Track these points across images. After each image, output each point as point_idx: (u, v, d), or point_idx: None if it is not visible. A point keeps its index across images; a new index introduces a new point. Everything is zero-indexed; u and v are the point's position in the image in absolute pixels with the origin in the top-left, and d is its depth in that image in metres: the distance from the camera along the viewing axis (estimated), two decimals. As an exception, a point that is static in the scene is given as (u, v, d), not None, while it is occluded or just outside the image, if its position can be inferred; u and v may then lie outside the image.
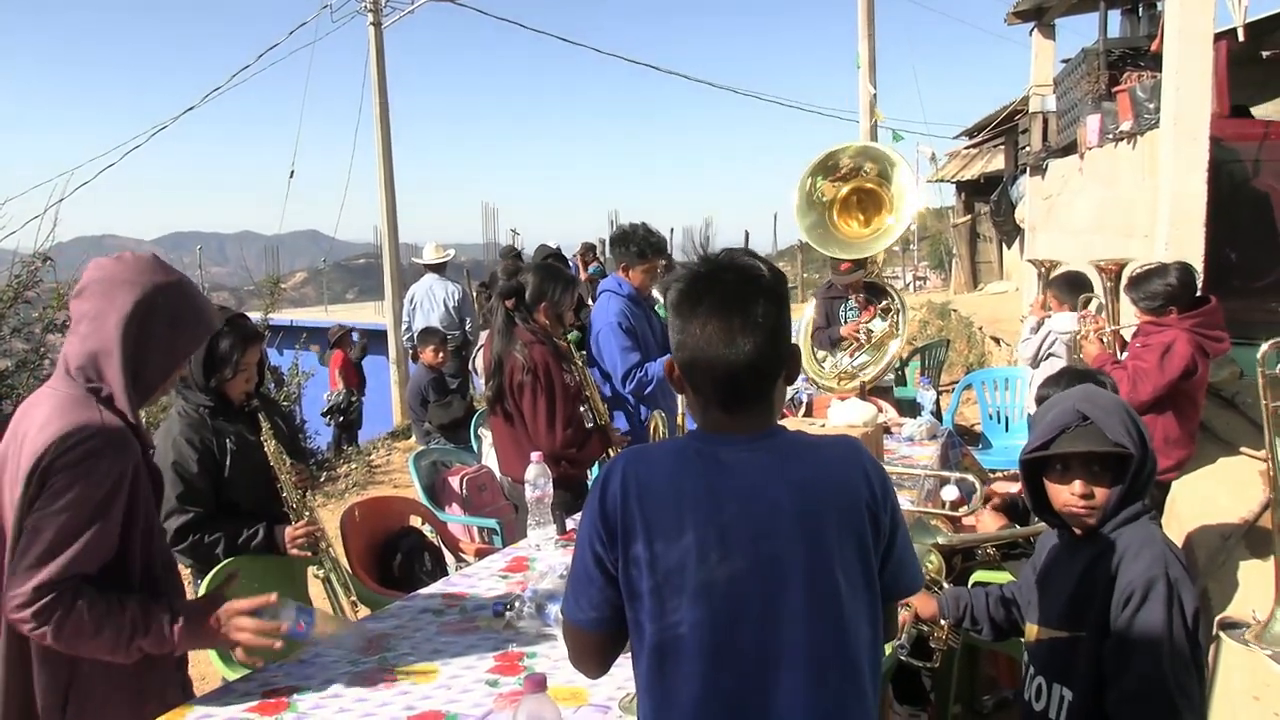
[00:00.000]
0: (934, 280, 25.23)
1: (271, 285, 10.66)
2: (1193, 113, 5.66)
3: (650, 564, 1.53)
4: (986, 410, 6.76)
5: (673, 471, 1.58)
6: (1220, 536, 4.34)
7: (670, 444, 1.69)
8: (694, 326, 1.56)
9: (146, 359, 2.09)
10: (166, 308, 2.10)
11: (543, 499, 3.33)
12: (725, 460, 1.56)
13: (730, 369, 1.55)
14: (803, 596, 1.52)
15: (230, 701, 2.19)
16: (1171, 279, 4.21)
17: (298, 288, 36.44)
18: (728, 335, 1.54)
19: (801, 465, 1.58)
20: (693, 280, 1.59)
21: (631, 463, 1.61)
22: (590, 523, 1.60)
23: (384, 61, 12.41)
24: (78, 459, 1.97)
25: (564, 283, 4.14)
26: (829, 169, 5.71)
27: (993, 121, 14.90)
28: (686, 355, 1.58)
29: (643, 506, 1.54)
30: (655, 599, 1.53)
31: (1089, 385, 2.45)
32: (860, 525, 1.56)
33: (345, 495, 8.01)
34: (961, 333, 12.59)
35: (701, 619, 1.52)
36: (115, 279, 2.07)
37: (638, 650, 1.59)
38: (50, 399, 2.06)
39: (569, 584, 1.66)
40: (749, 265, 1.60)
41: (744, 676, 1.52)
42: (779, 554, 1.52)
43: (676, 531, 1.52)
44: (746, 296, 1.56)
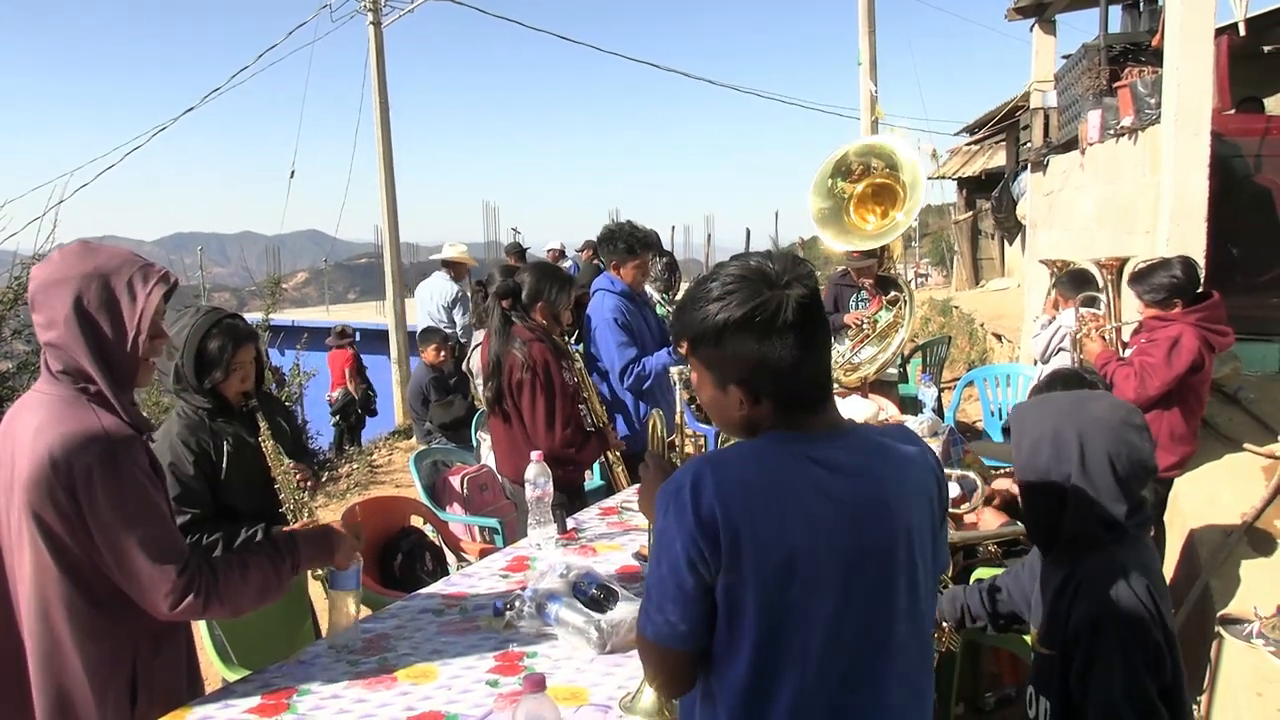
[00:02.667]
0: (935, 277, 25.21)
1: (273, 286, 10.67)
2: (1194, 108, 5.65)
3: (758, 564, 1.51)
4: (988, 407, 6.75)
5: (769, 470, 1.56)
6: (1222, 533, 4.33)
7: (749, 445, 1.63)
8: (804, 340, 1.57)
9: (107, 344, 2.08)
10: (102, 290, 2.08)
11: (543, 498, 3.33)
12: (820, 457, 1.57)
13: (820, 376, 1.61)
14: (905, 586, 1.58)
15: (229, 703, 2.19)
16: (1176, 271, 4.21)
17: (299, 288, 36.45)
18: (816, 345, 1.59)
19: (888, 457, 1.63)
20: (798, 301, 1.56)
21: (720, 465, 1.56)
22: (685, 531, 1.52)
23: (384, 61, 12.40)
24: (99, 469, 1.98)
25: (560, 282, 4.14)
26: (844, 171, 5.79)
27: (994, 118, 14.87)
28: (798, 370, 1.57)
29: (748, 507, 1.52)
30: (761, 599, 1.51)
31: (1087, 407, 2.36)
32: (933, 512, 1.65)
33: (346, 495, 8.01)
34: (963, 329, 12.58)
35: (814, 615, 1.53)
36: (49, 281, 2.07)
37: (727, 658, 1.56)
38: (40, 403, 2.07)
39: (651, 602, 1.57)
40: (808, 272, 1.62)
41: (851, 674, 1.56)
42: (886, 546, 1.57)
43: (784, 530, 1.52)
44: (819, 306, 1.61)
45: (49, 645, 2.06)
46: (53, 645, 2.06)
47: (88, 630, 2.06)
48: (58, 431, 1.99)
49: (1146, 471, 2.16)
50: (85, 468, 1.98)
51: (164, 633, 2.19)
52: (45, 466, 1.97)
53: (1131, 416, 2.20)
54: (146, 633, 2.15)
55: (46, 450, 1.97)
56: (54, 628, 2.05)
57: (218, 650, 2.78)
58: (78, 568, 2.04)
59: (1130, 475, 2.13)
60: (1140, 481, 2.16)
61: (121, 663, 2.12)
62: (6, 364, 7.33)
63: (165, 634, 2.20)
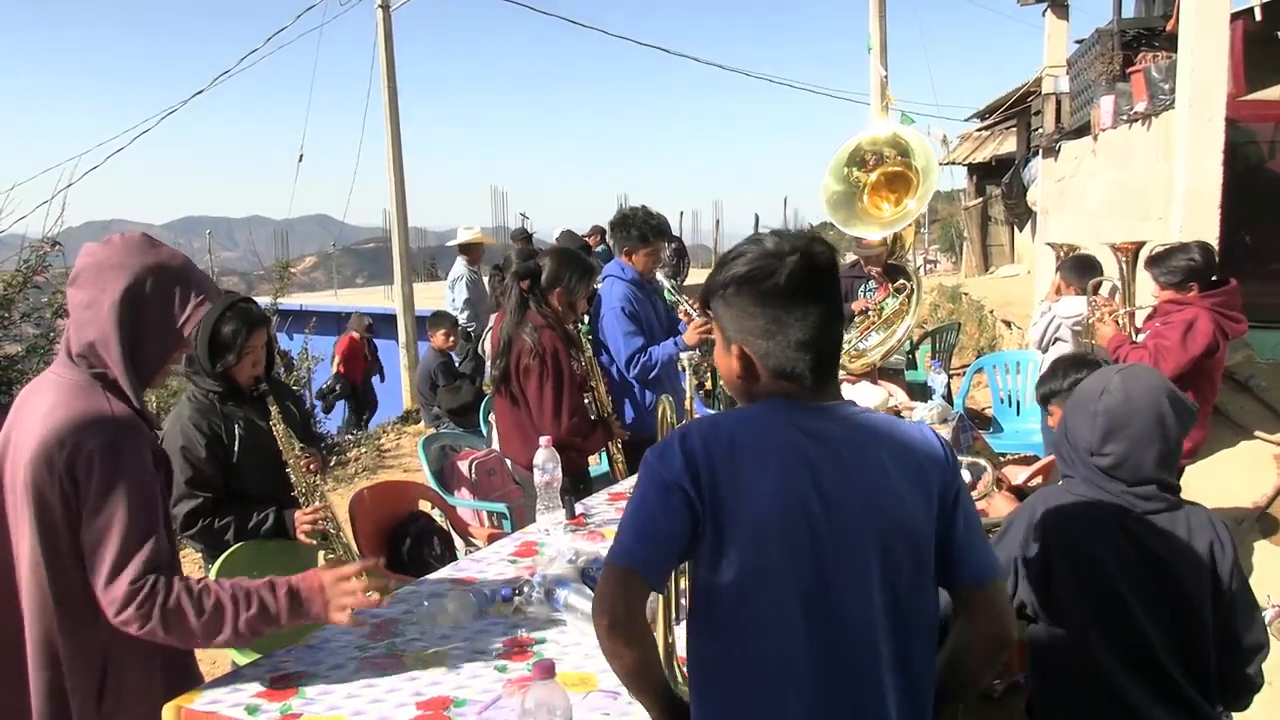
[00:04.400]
0: (945, 263, 25.12)
1: (281, 270, 10.67)
2: (1208, 94, 5.60)
3: (737, 521, 1.54)
4: (998, 394, 6.72)
5: (755, 432, 1.61)
6: (1233, 521, 4.31)
7: (741, 410, 1.70)
8: (798, 311, 1.61)
9: (142, 341, 2.08)
10: (157, 288, 2.08)
11: (552, 483, 3.32)
12: (809, 427, 1.60)
13: (822, 350, 1.62)
14: (888, 566, 1.57)
15: (238, 687, 2.19)
16: (1194, 255, 4.20)
17: (307, 272, 36.51)
18: (819, 318, 1.61)
19: (884, 438, 1.64)
20: (791, 270, 1.61)
21: (707, 423, 1.63)
22: (672, 471, 1.55)
23: (392, 45, 12.35)
24: (101, 453, 1.97)
25: (581, 270, 4.11)
26: (859, 161, 5.78)
27: (1005, 103, 14.80)
28: (788, 340, 1.61)
29: (732, 459, 1.56)
30: (738, 558, 1.54)
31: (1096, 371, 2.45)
32: (936, 497, 1.63)
33: (355, 479, 8.03)
34: (972, 316, 12.54)
35: (789, 580, 1.54)
36: (105, 264, 2.06)
37: (705, 597, 1.60)
38: (54, 385, 2.06)
39: (629, 529, 1.58)
40: (825, 249, 1.65)
41: (846, 639, 1.56)
42: (872, 523, 1.57)
43: (765, 491, 1.54)
44: (830, 279, 1.64)
45: (41, 632, 2.04)
46: (43, 633, 2.04)
47: (65, 622, 2.04)
48: (67, 412, 1.99)
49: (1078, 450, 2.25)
50: (88, 450, 1.97)
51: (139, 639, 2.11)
52: (50, 446, 1.96)
53: (1089, 401, 2.23)
54: (120, 635, 2.05)
55: (53, 430, 1.97)
56: (45, 614, 2.04)
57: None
58: (65, 555, 2.02)
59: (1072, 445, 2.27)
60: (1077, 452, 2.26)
61: (91, 662, 2.07)
62: (15, 347, 7.34)
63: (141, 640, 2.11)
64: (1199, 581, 2.16)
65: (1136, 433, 2.14)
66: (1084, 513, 2.19)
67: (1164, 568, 2.15)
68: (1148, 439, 2.15)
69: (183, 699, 2.12)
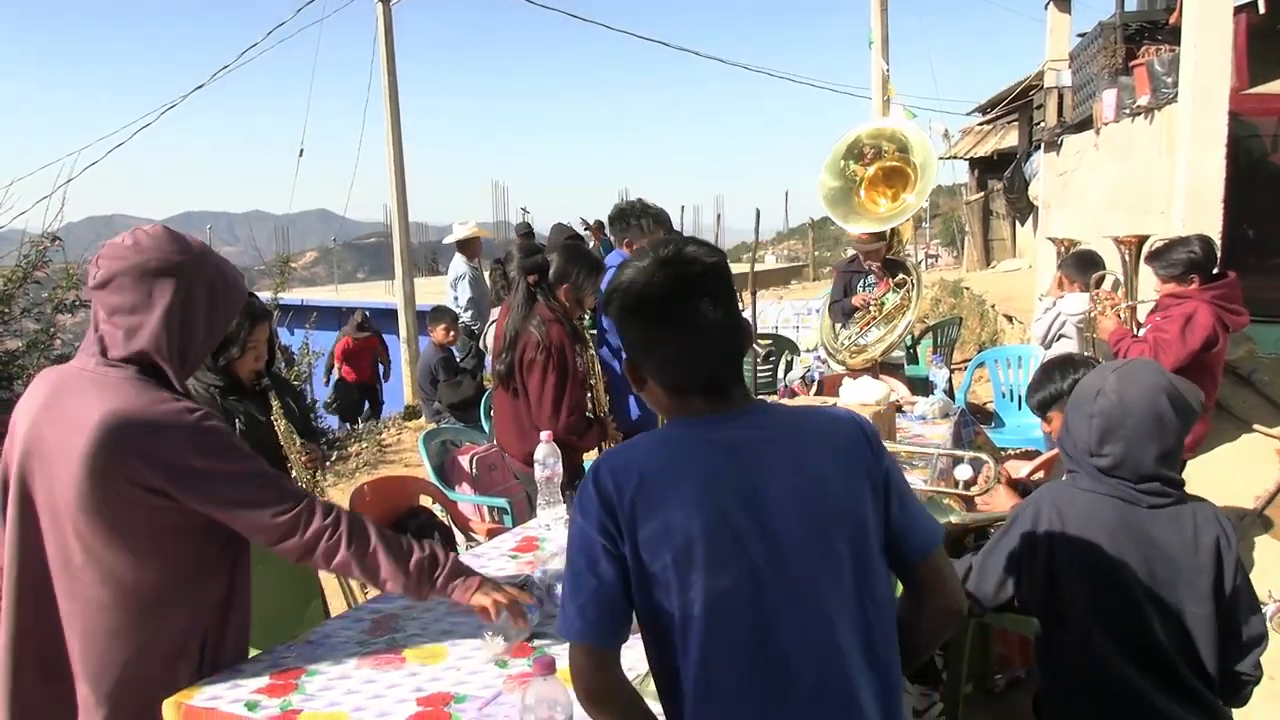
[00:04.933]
0: (946, 258, 25.11)
1: (282, 265, 10.66)
2: (1211, 87, 5.59)
3: (658, 551, 1.50)
4: (999, 389, 6.72)
5: (664, 456, 1.56)
6: (1235, 516, 4.31)
7: (649, 435, 1.65)
8: (661, 328, 1.56)
9: (191, 341, 2.09)
10: (204, 285, 2.08)
11: (552, 478, 3.31)
12: (717, 438, 1.55)
13: (708, 361, 1.57)
14: (849, 554, 1.54)
15: (238, 683, 2.18)
16: (1194, 248, 4.20)
17: (308, 267, 36.48)
18: (698, 329, 1.54)
19: (803, 427, 1.60)
20: (647, 281, 1.57)
21: (614, 456, 1.59)
22: (592, 518, 1.53)
23: (393, 39, 12.34)
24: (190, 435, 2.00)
25: (590, 266, 4.10)
26: (856, 155, 5.77)
27: (1007, 97, 14.77)
28: (657, 356, 1.58)
29: (644, 491, 1.51)
30: (677, 580, 1.49)
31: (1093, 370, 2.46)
32: (869, 475, 1.58)
33: (356, 474, 8.02)
34: (974, 311, 12.52)
35: (735, 590, 1.50)
36: (145, 268, 2.02)
37: (657, 636, 1.56)
38: (100, 384, 2.02)
39: (570, 601, 1.54)
40: (696, 254, 1.58)
41: (807, 649, 1.51)
42: (813, 500, 1.53)
43: (680, 514, 1.49)
44: (703, 286, 1.56)
45: (109, 632, 2.05)
46: (116, 631, 2.05)
47: (156, 604, 2.06)
48: (138, 409, 1.97)
49: (1076, 449, 2.25)
50: (179, 445, 1.98)
51: (231, 601, 2.20)
52: (126, 444, 1.95)
53: (1084, 402, 2.22)
54: (213, 604, 2.16)
55: (125, 427, 1.95)
56: (124, 610, 2.04)
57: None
58: (149, 543, 2.04)
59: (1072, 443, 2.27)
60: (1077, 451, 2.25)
61: (190, 636, 2.13)
62: (16, 342, 7.33)
63: (233, 602, 2.20)
64: (1205, 576, 2.15)
65: (1132, 433, 2.14)
66: (1090, 509, 2.18)
67: (1170, 563, 2.14)
68: (1145, 439, 2.14)
69: (182, 695, 2.12)
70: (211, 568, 2.15)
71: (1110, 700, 2.13)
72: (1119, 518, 2.16)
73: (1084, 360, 3.19)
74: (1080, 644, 2.16)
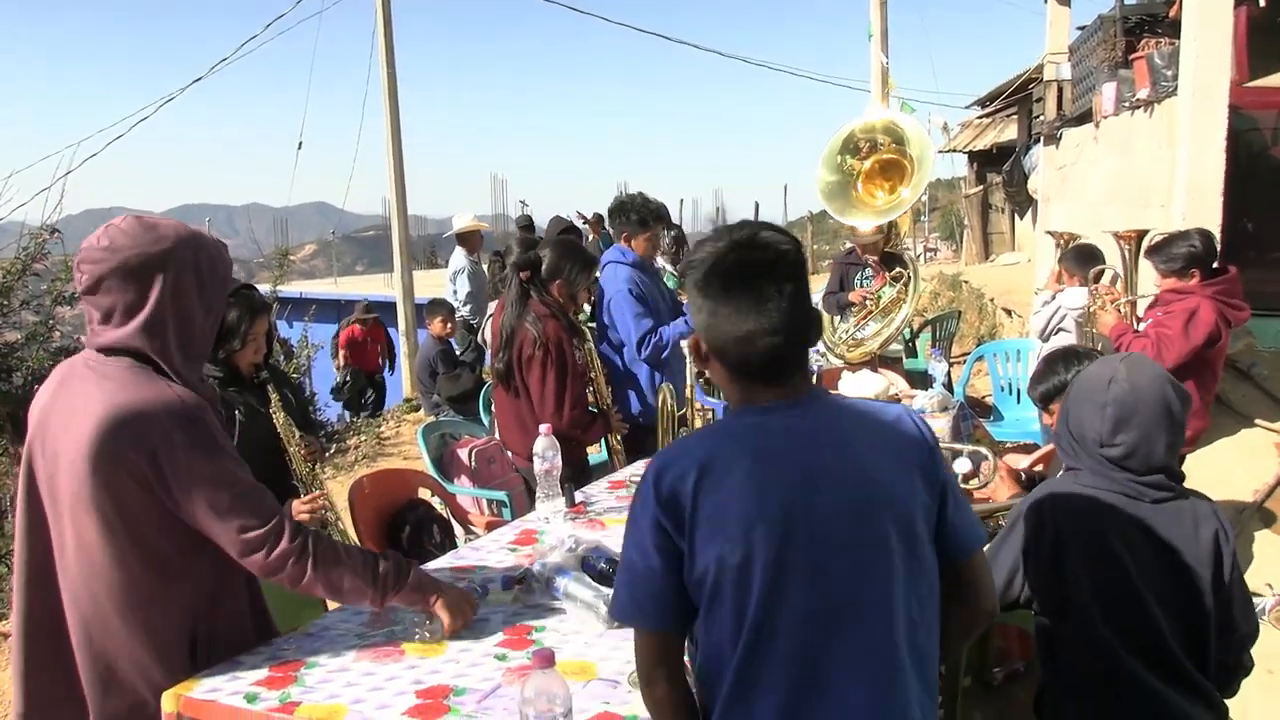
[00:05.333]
0: (945, 251, 25.08)
1: (281, 257, 10.65)
2: (1211, 80, 5.59)
3: (716, 542, 1.53)
4: (998, 382, 6.71)
5: (723, 447, 1.59)
6: (1234, 510, 4.31)
7: (706, 429, 1.71)
8: (727, 306, 1.58)
9: (191, 326, 2.09)
10: (189, 268, 2.07)
11: (551, 471, 3.31)
12: (775, 426, 1.58)
13: (769, 345, 1.57)
14: (898, 545, 1.55)
15: (237, 675, 2.18)
16: (1194, 242, 4.19)
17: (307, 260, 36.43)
18: (763, 312, 1.56)
19: (860, 420, 1.62)
20: (718, 260, 1.60)
21: (672, 451, 1.64)
22: (649, 512, 1.58)
23: (392, 31, 12.30)
24: (181, 430, 1.99)
25: (582, 262, 4.09)
26: (851, 148, 5.76)
27: (1006, 90, 14.75)
28: (721, 334, 1.60)
29: (703, 482, 1.55)
30: (732, 567, 1.53)
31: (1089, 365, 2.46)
32: (929, 474, 1.61)
33: (354, 467, 8.02)
34: (973, 304, 12.51)
35: (786, 576, 1.52)
36: (127, 267, 2.01)
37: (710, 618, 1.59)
38: (102, 375, 2.03)
39: (619, 584, 1.63)
40: (771, 239, 1.61)
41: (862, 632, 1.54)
42: (869, 490, 1.56)
43: (744, 497, 1.53)
44: (774, 271, 1.58)
45: (101, 618, 2.06)
46: (107, 618, 2.06)
47: (143, 595, 2.06)
48: (132, 399, 1.98)
49: (1086, 440, 2.22)
50: (167, 436, 1.98)
51: (222, 589, 2.20)
52: (122, 434, 1.96)
53: (1095, 392, 2.21)
54: (203, 592, 2.16)
55: (121, 418, 1.96)
56: (113, 598, 2.05)
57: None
58: (140, 534, 2.04)
59: (1078, 436, 2.24)
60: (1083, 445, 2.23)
61: (181, 624, 2.13)
62: (15, 334, 7.32)
63: (224, 590, 2.21)
64: (1205, 570, 2.16)
65: (1146, 420, 2.14)
66: (1094, 504, 2.18)
67: (1174, 556, 2.15)
68: (1157, 427, 2.14)
69: (181, 687, 2.12)
70: (200, 563, 2.14)
71: (1114, 693, 2.13)
72: (1123, 512, 2.16)
73: (1087, 352, 3.19)
74: (1084, 638, 2.16)
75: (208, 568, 2.15)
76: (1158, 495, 2.18)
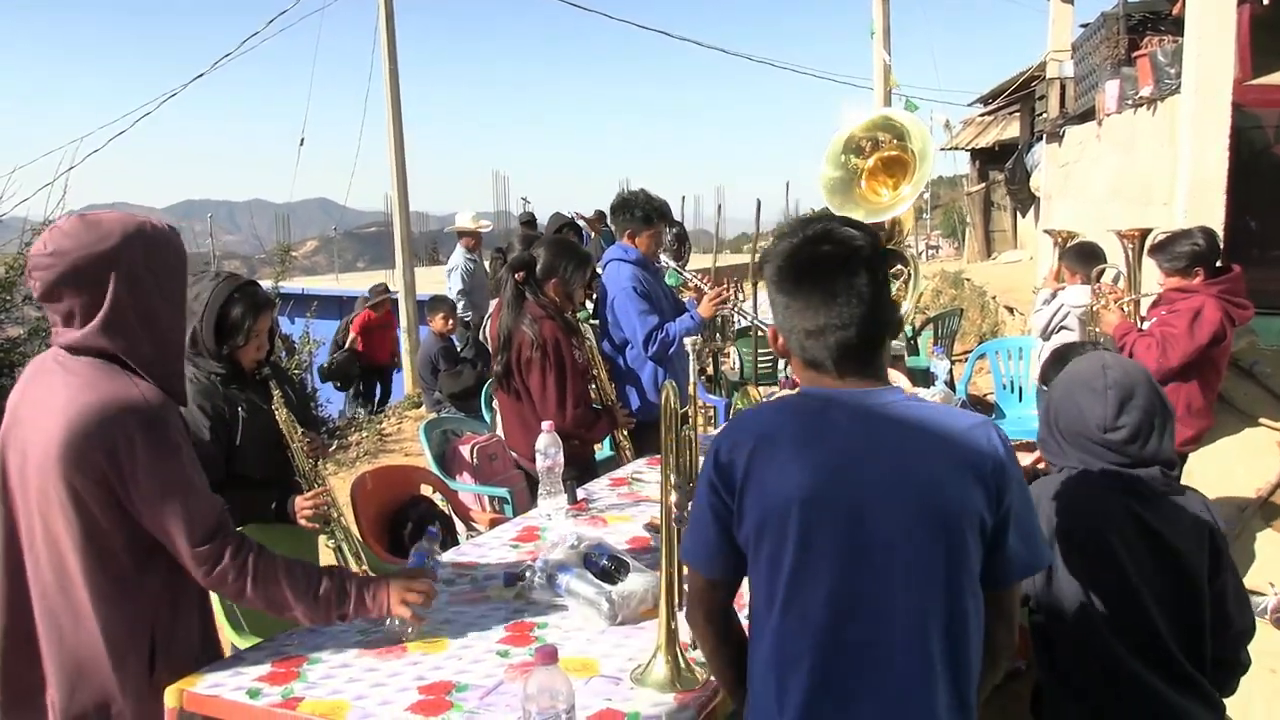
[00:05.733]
0: (947, 249, 25.08)
1: (283, 253, 10.64)
2: (1215, 78, 5.58)
3: (763, 513, 1.58)
4: (1000, 380, 6.70)
5: (785, 423, 1.63)
6: (1237, 509, 4.31)
7: (778, 400, 1.78)
8: (799, 300, 1.62)
9: (156, 321, 2.08)
10: (140, 262, 2.05)
11: (553, 468, 3.31)
12: (842, 413, 1.60)
13: (840, 339, 1.60)
14: (943, 551, 1.54)
15: (240, 670, 2.19)
16: (1198, 240, 4.19)
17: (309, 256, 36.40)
18: (833, 306, 1.59)
19: (926, 419, 1.61)
20: (792, 254, 1.64)
21: (735, 422, 1.73)
22: (706, 476, 1.66)
23: (394, 27, 12.29)
24: (143, 432, 1.99)
25: (577, 260, 4.08)
26: (854, 149, 5.75)
27: (1008, 88, 14.74)
28: (794, 328, 1.64)
29: (757, 454, 1.59)
30: (770, 540, 1.58)
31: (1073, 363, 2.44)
32: (991, 490, 1.58)
33: (356, 464, 8.02)
34: (975, 302, 12.50)
35: (819, 561, 1.55)
36: (75, 270, 1.99)
37: (755, 583, 1.65)
38: (68, 372, 2.03)
39: (687, 532, 1.75)
40: (844, 235, 1.63)
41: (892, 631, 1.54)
42: (922, 491, 1.55)
43: (792, 477, 1.56)
44: (846, 266, 1.60)
45: (68, 615, 2.06)
46: (73, 615, 2.06)
47: (108, 598, 2.06)
48: (96, 398, 1.98)
49: (1088, 429, 2.19)
50: (127, 435, 1.98)
51: (182, 599, 2.19)
52: (83, 433, 1.95)
53: (1093, 378, 2.20)
54: (165, 599, 2.15)
55: (84, 416, 1.96)
56: (74, 597, 2.05)
57: (229, 618, 2.78)
58: (103, 535, 2.03)
59: (1073, 433, 2.21)
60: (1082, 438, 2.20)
61: (142, 629, 2.12)
62: (17, 329, 7.32)
63: (183, 600, 2.20)
64: (1201, 566, 2.16)
65: (1143, 401, 2.16)
66: (1091, 501, 2.18)
67: (1170, 552, 2.14)
68: (1153, 408, 2.16)
69: (184, 682, 2.12)
70: (158, 567, 2.12)
71: (1114, 693, 2.13)
72: (1120, 509, 2.15)
73: (1094, 344, 3.20)
74: (1083, 637, 2.16)
75: (165, 574, 2.13)
76: (1156, 489, 2.18)
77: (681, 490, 2.18)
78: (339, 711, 2.01)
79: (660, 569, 2.15)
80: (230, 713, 2.08)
